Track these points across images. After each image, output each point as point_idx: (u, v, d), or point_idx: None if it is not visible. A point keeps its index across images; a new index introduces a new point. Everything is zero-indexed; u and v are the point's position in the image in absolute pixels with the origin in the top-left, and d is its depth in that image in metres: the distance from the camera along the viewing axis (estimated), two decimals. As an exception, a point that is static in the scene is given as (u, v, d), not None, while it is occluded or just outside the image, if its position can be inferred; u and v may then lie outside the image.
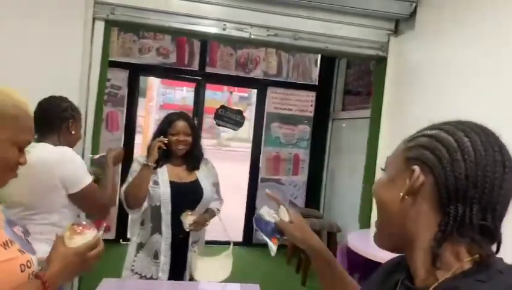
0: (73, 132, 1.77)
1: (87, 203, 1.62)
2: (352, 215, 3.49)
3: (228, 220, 5.51)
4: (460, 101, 2.32)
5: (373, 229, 0.73)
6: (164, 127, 2.07)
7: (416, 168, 0.63)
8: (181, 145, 2.04)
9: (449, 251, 0.61)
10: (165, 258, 1.99)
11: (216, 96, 14.54)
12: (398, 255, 0.79)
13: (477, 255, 0.60)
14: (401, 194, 0.64)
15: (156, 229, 2.01)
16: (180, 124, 2.05)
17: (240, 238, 4.91)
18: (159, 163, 2.03)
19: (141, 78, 4.97)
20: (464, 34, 2.41)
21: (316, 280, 3.96)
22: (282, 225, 0.96)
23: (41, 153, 1.58)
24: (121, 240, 4.42)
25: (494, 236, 0.61)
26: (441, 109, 2.48)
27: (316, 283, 3.76)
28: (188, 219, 1.95)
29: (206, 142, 2.22)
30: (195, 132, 2.13)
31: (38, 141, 1.67)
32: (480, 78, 2.20)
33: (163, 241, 1.99)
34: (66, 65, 2.70)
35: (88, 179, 1.67)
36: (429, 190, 0.62)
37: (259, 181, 4.89)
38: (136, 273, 2.02)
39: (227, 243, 2.16)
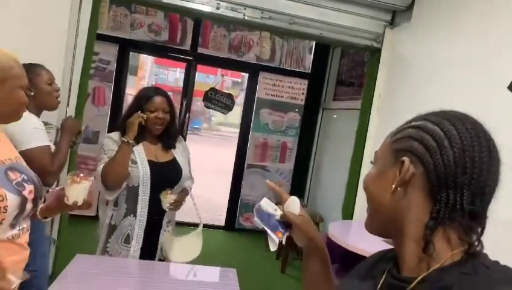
0: (32, 93, 1.69)
1: (33, 165, 1.56)
2: (335, 206, 3.48)
3: (211, 204, 5.49)
4: (452, 95, 2.29)
5: (359, 217, 0.72)
6: (141, 103, 1.94)
7: (406, 159, 0.64)
8: (159, 123, 1.94)
9: (441, 238, 0.62)
10: (136, 244, 1.92)
11: (209, 79, 14.40)
12: (381, 249, 0.80)
13: (467, 246, 0.61)
14: (393, 186, 0.65)
15: (131, 211, 1.92)
16: (159, 100, 1.93)
17: (222, 223, 4.89)
18: (135, 140, 1.92)
19: (133, 55, 4.86)
20: (459, 28, 2.38)
21: (294, 267, 4.00)
22: (292, 218, 0.88)
23: None
24: (101, 218, 4.37)
25: (482, 220, 0.62)
26: (432, 102, 2.45)
27: (295, 271, 3.81)
28: (169, 197, 1.89)
29: (196, 125, 2.12)
30: (173, 109, 2.02)
31: None
32: (473, 72, 2.18)
33: (137, 223, 1.92)
34: (51, 35, 2.60)
35: (37, 142, 1.70)
36: (420, 179, 0.63)
37: (245, 167, 4.86)
38: (111, 255, 1.96)
39: (209, 226, 2.13)
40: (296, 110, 4.90)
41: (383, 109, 3.08)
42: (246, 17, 2.94)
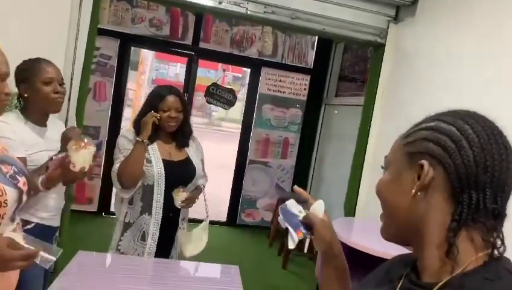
0: (26, 95, 1.66)
1: None
2: (338, 202, 3.46)
3: (213, 200, 5.50)
4: (456, 90, 2.27)
5: (362, 214, 0.70)
6: (154, 102, 1.95)
7: (425, 162, 0.62)
8: (172, 122, 1.95)
9: (464, 240, 0.61)
10: (152, 241, 1.94)
11: (210, 74, 14.33)
12: (400, 253, 0.78)
13: (490, 249, 0.60)
14: (413, 191, 0.63)
15: (146, 209, 1.94)
16: (172, 100, 1.94)
17: (223, 219, 4.89)
18: (149, 140, 1.93)
19: (133, 50, 4.82)
20: (463, 23, 2.35)
21: (296, 264, 3.99)
22: (313, 219, 0.91)
23: None
24: (103, 213, 4.36)
25: (503, 219, 0.61)
26: (435, 98, 2.44)
27: (296, 267, 3.81)
28: (181, 195, 1.91)
29: (196, 121, 2.11)
30: (186, 108, 2.05)
31: None
32: (477, 66, 2.15)
33: (153, 221, 1.93)
34: (53, 30, 2.57)
35: None
36: (440, 182, 0.62)
37: (247, 163, 4.84)
38: (122, 253, 1.96)
39: (210, 222, 2.15)
40: (298, 106, 4.87)
41: (386, 105, 3.05)
42: (248, 12, 2.91)
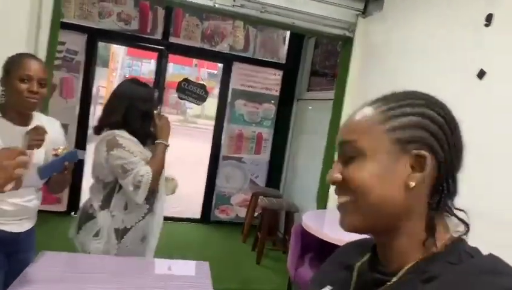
0: (3, 88, 1.60)
1: None
2: (311, 196, 3.49)
3: (187, 197, 5.42)
4: (424, 82, 2.30)
5: (333, 206, 0.67)
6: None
7: (427, 153, 0.59)
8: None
9: (440, 225, 0.61)
10: (155, 239, 1.96)
11: (184, 70, 14.17)
12: (353, 240, 0.76)
13: (454, 233, 0.60)
14: (412, 183, 0.59)
15: (151, 209, 1.94)
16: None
17: (198, 216, 4.84)
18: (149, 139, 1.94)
19: (103, 46, 4.70)
20: (429, 15, 2.39)
21: (270, 258, 3.99)
22: None
23: None
24: (72, 213, 4.24)
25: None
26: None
27: (270, 261, 3.81)
28: (173, 183, 2.02)
29: (171, 118, 2.06)
30: None
31: None
32: (443, 58, 2.19)
33: (156, 220, 1.95)
34: (11, 23, 2.47)
35: None
36: (430, 170, 0.60)
37: (221, 159, 4.81)
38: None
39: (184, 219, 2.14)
40: (272, 101, 4.87)
41: (356, 98, 3.08)
42: (216, 5, 2.88)
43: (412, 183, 0.59)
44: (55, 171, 1.54)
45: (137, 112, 1.86)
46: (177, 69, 13.74)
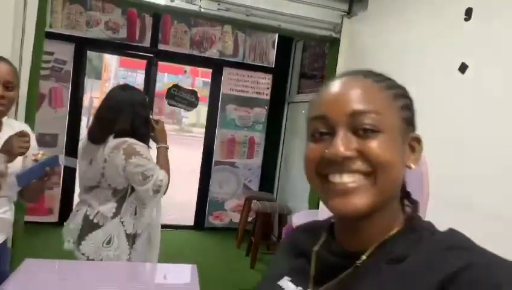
0: None
1: None
2: (304, 198, 3.48)
3: (181, 205, 5.39)
4: (409, 80, 2.31)
5: (323, 209, 0.63)
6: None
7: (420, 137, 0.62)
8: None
9: (396, 203, 0.62)
10: (159, 241, 2.02)
11: (178, 79, 14.18)
12: (302, 223, 0.75)
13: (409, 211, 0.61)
14: (413, 165, 0.61)
15: (158, 209, 2.02)
16: None
17: (191, 222, 4.81)
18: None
19: (96, 56, 4.70)
20: (412, 12, 2.40)
21: (264, 263, 3.96)
22: None
23: None
24: (64, 223, 4.20)
25: None
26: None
27: (264, 266, 3.78)
28: None
29: (167, 128, 2.10)
30: None
31: None
32: (426, 55, 2.20)
33: (159, 221, 2.03)
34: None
35: None
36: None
37: (213, 164, 4.80)
38: None
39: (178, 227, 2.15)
40: (263, 105, 4.87)
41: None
42: (202, 9, 2.89)
43: (413, 166, 0.60)
44: (35, 177, 1.51)
45: (141, 118, 1.90)
46: (171, 79, 13.75)
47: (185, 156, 9.74)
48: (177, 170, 2.24)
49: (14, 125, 1.70)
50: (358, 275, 0.58)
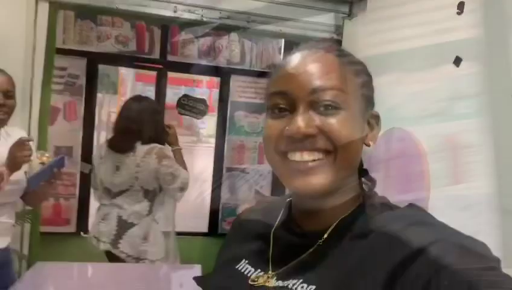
0: None
1: None
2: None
3: (195, 212, 5.43)
4: (406, 75, 2.32)
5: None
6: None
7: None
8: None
9: (355, 180, 0.63)
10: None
11: (195, 92, 14.29)
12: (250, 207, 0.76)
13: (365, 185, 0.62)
14: (372, 143, 0.62)
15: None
16: None
17: (205, 229, 4.85)
18: None
19: (112, 72, 4.85)
20: (411, 12, 2.42)
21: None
22: None
23: None
24: (81, 233, 4.30)
25: None
26: (389, 90, 2.48)
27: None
28: None
29: (185, 139, 2.30)
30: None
31: None
32: (424, 55, 2.20)
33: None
34: (8, 48, 2.58)
35: None
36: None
37: (224, 171, 4.84)
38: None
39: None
40: (272, 110, 4.90)
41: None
42: (204, 18, 2.96)
43: (372, 143, 0.60)
44: (44, 178, 1.59)
45: (161, 125, 2.23)
46: (188, 92, 13.87)
47: (201, 166, 9.78)
48: (194, 178, 2.39)
49: (14, 133, 1.79)
50: (321, 253, 0.57)
